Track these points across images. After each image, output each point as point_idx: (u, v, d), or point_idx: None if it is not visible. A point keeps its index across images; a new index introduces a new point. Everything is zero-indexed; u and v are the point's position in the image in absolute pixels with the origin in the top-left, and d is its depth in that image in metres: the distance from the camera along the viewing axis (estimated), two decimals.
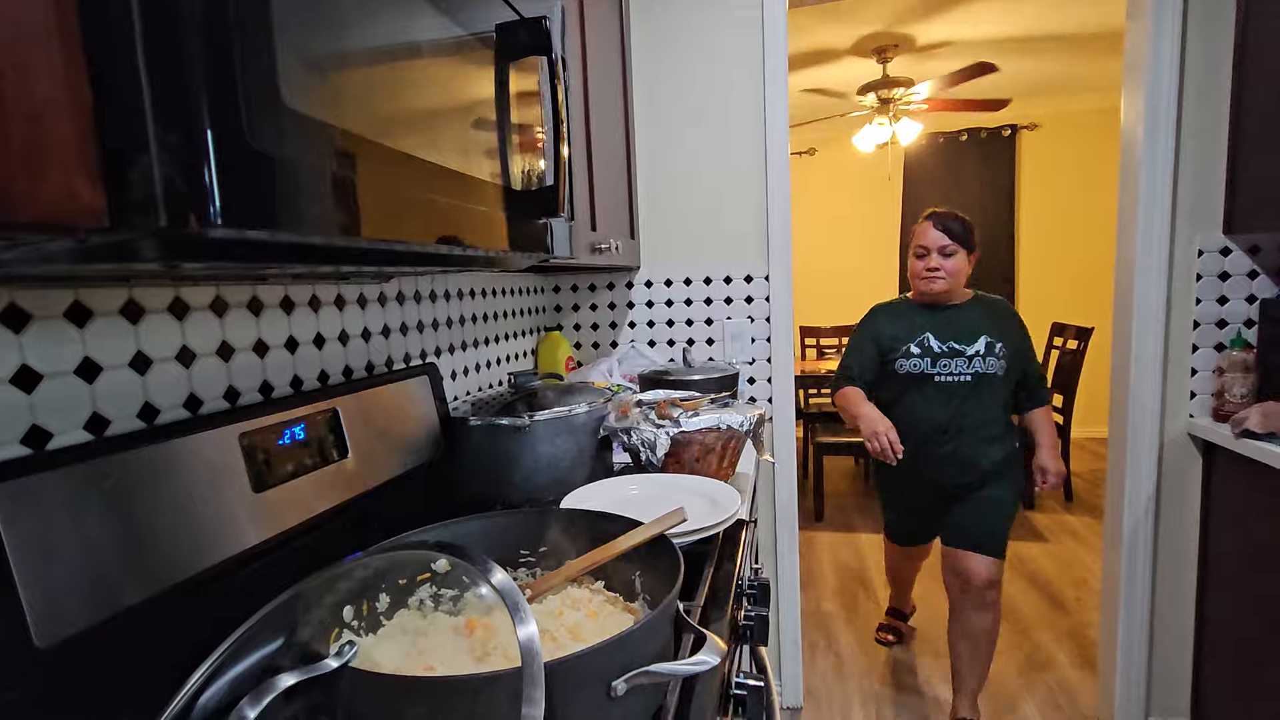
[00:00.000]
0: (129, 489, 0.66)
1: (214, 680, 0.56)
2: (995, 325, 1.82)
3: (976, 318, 1.82)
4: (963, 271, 1.81)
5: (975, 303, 1.87)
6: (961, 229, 1.80)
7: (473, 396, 1.35)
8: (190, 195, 0.40)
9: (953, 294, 1.84)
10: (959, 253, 1.79)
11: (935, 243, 1.79)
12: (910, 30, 3.34)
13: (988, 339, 1.79)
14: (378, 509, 1.01)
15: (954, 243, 1.78)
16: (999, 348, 1.78)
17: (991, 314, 1.84)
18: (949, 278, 1.80)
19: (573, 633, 0.60)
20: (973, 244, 1.82)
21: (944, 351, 1.80)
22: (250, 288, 0.91)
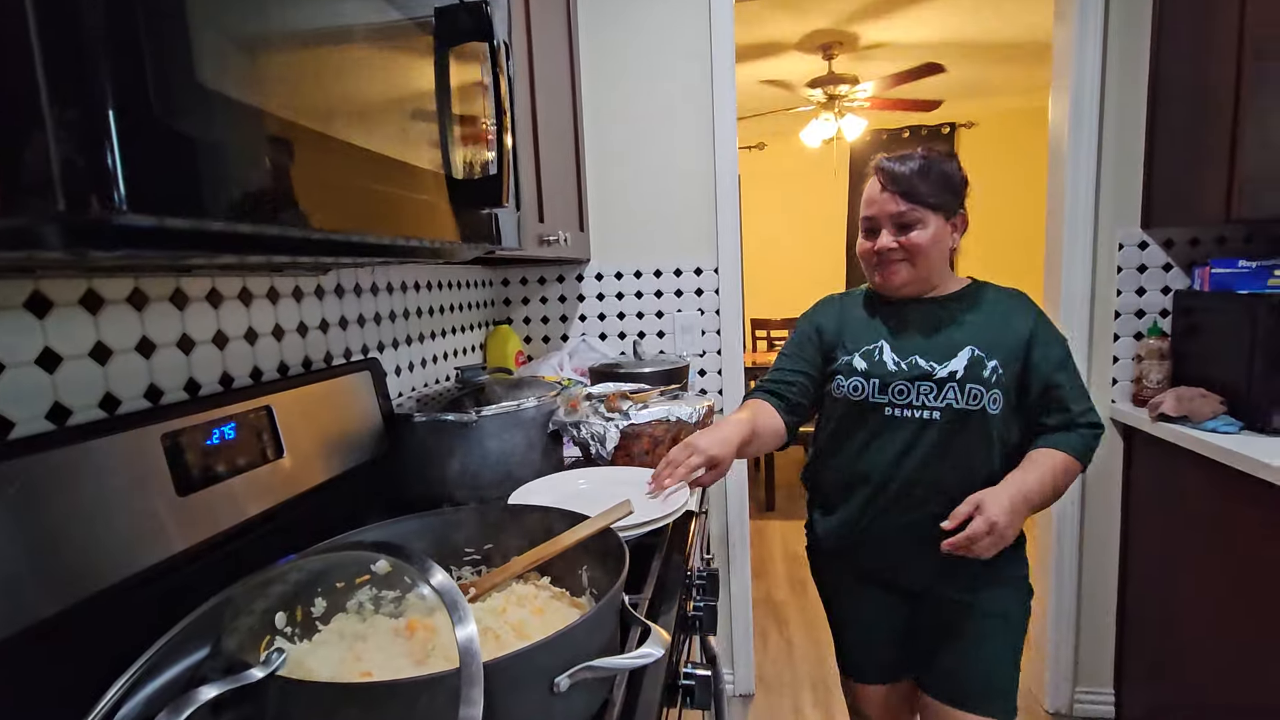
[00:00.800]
0: (37, 495, 0.62)
1: (133, 694, 0.53)
2: (993, 331, 1.14)
3: (964, 319, 1.16)
4: (938, 247, 1.14)
5: (970, 295, 1.19)
6: (929, 182, 1.12)
7: (417, 393, 1.32)
8: (91, 177, 0.37)
9: (927, 284, 1.18)
10: (927, 219, 1.12)
11: (885, 209, 1.14)
12: (855, 29, 3.41)
13: (974, 353, 1.12)
14: (316, 511, 0.97)
15: (916, 206, 1.12)
16: (992, 367, 1.11)
17: (992, 313, 1.16)
18: (913, 261, 1.14)
19: (517, 630, 0.60)
20: (953, 201, 1.15)
21: (901, 371, 1.15)
22: (173, 280, 0.86)
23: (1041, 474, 1.08)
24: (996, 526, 1.00)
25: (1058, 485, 1.10)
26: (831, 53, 3.67)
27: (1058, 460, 1.10)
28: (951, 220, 1.16)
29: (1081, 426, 1.13)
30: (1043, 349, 1.14)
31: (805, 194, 5.58)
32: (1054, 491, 1.09)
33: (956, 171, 1.17)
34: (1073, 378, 1.15)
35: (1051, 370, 1.14)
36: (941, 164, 1.15)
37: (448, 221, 0.80)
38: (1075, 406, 1.13)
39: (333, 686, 0.45)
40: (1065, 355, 1.15)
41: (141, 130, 0.39)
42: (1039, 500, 1.07)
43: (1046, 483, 1.08)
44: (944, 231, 1.15)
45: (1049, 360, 1.14)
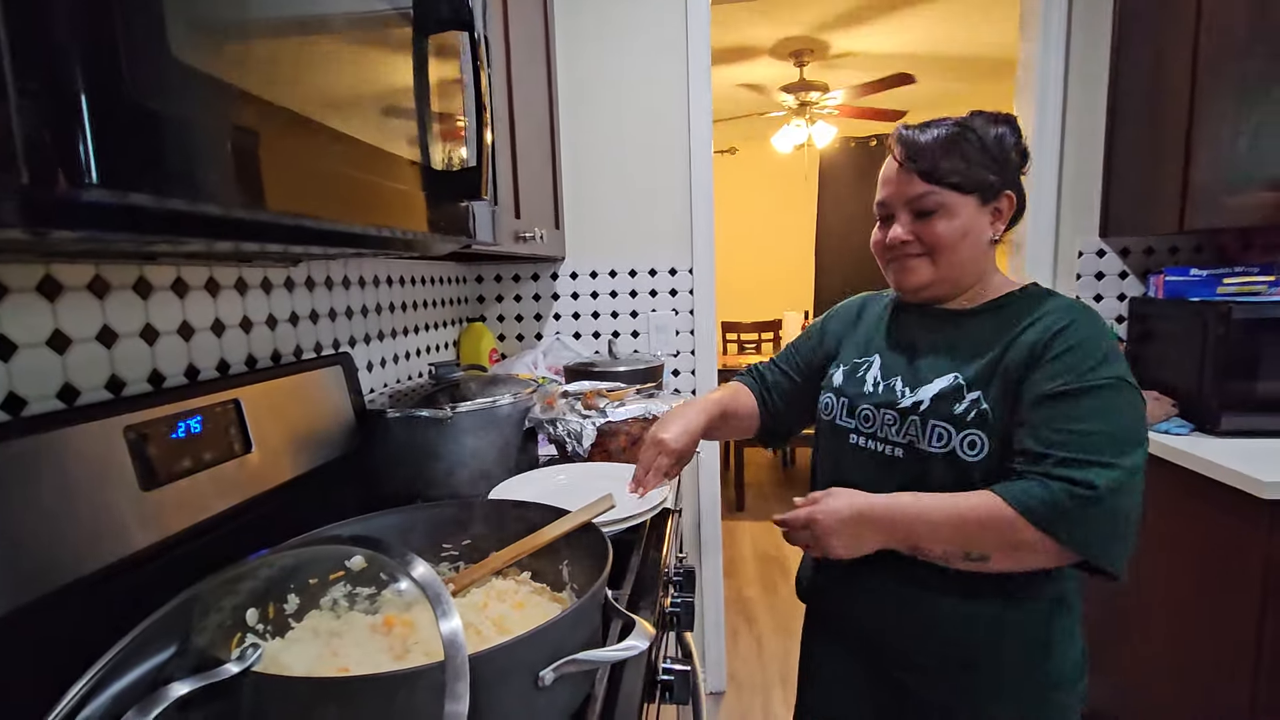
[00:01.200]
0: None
1: (95, 694, 0.51)
2: (996, 353, 0.86)
3: (981, 336, 0.90)
4: (970, 240, 0.89)
5: (1015, 306, 0.90)
6: (960, 156, 0.87)
7: (390, 388, 1.29)
8: (58, 150, 0.36)
9: (957, 287, 0.93)
10: (955, 205, 0.88)
11: (900, 192, 0.91)
12: (826, 37, 3.47)
13: (955, 380, 0.87)
14: (286, 507, 0.94)
15: (938, 189, 0.87)
16: (971, 400, 0.85)
17: (1008, 330, 0.87)
18: (934, 258, 0.90)
19: (498, 625, 0.59)
20: (996, 180, 0.89)
21: (873, 393, 0.95)
22: (136, 268, 0.83)
23: (937, 507, 0.80)
24: (816, 525, 0.83)
25: (965, 533, 0.79)
26: (803, 59, 3.73)
27: (979, 503, 0.78)
28: (993, 204, 0.89)
29: (1055, 479, 0.75)
30: (1044, 372, 0.81)
31: (776, 199, 5.64)
32: (952, 539, 0.79)
33: (1006, 139, 0.89)
34: (1080, 419, 0.77)
35: (1037, 400, 0.80)
36: (982, 130, 0.88)
37: (425, 213, 0.78)
38: (1056, 451, 0.77)
39: (312, 681, 0.44)
40: (1079, 390, 0.79)
41: (113, 103, 0.37)
42: (907, 535, 0.81)
43: (937, 521, 0.80)
44: (979, 220, 0.89)
45: (1042, 385, 0.80)
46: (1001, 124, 0.91)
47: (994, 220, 0.91)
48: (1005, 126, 0.91)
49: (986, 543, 0.79)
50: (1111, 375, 0.79)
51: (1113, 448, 0.76)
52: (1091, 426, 0.77)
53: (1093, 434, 0.77)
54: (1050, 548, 0.76)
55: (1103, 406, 0.78)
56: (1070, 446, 0.76)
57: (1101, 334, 0.83)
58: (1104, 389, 0.79)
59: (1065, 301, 0.88)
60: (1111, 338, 0.84)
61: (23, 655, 0.59)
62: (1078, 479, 0.74)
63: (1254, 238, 1.72)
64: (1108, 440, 0.76)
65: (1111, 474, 0.74)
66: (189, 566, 0.77)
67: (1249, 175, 1.49)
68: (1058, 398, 0.79)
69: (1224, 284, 1.61)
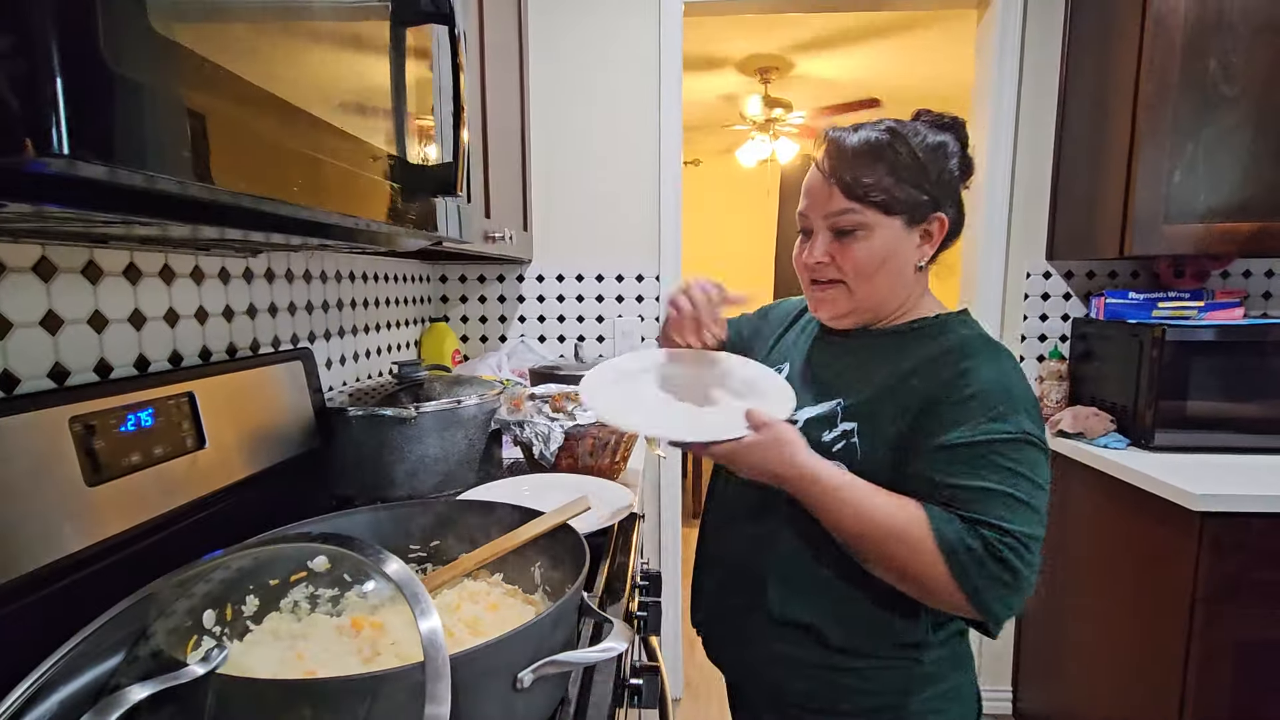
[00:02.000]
0: None
1: (39, 701, 0.48)
2: (887, 381, 0.80)
3: (882, 362, 0.83)
4: (891, 265, 0.81)
5: (921, 333, 0.84)
6: (888, 166, 0.79)
7: (351, 386, 1.26)
8: (27, 116, 0.34)
9: (877, 315, 0.86)
10: (875, 225, 0.79)
11: (817, 204, 0.82)
12: (794, 58, 3.55)
13: (835, 406, 0.83)
14: (240, 507, 0.90)
15: (858, 205, 0.79)
16: (842, 431, 0.81)
17: (914, 359, 0.80)
18: (852, 286, 0.82)
19: (471, 627, 0.58)
20: (925, 198, 0.80)
21: None
22: (85, 251, 0.79)
23: (862, 485, 0.75)
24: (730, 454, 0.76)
25: (870, 525, 0.72)
26: (768, 77, 3.81)
27: (905, 514, 0.72)
28: (922, 226, 0.81)
29: (983, 526, 0.70)
30: (943, 418, 0.73)
31: (738, 212, 5.73)
32: (853, 520, 0.73)
33: (946, 149, 0.80)
34: (989, 479, 0.71)
35: (936, 448, 0.73)
36: (918, 138, 0.79)
37: (397, 206, 0.77)
38: (975, 511, 0.70)
39: (283, 684, 0.42)
40: (983, 443, 0.71)
41: (87, 70, 0.36)
42: (813, 485, 0.74)
43: (852, 494, 0.74)
44: (903, 244, 0.80)
45: (940, 433, 0.73)
46: (945, 130, 0.82)
47: (922, 243, 0.82)
48: (948, 135, 0.82)
49: (883, 549, 0.72)
50: (1014, 429, 0.72)
51: (1025, 516, 0.70)
52: (1003, 488, 0.70)
53: (1002, 494, 0.70)
54: (947, 596, 0.71)
55: (1009, 465, 0.71)
56: (983, 508, 0.70)
57: (1009, 378, 0.75)
58: (1011, 443, 0.72)
59: (973, 335, 0.81)
60: (1021, 385, 0.75)
61: None
62: (1002, 553, 0.69)
63: (1186, 265, 1.83)
64: (1022, 508, 0.70)
65: (1032, 552, 0.70)
66: (136, 568, 0.73)
67: (1183, 207, 1.59)
68: (958, 449, 0.72)
69: (1159, 307, 1.71)
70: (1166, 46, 1.56)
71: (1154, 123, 1.58)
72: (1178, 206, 1.60)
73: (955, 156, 0.82)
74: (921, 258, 0.84)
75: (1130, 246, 1.62)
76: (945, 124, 0.84)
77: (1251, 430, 1.60)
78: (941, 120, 0.84)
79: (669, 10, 1.91)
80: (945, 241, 0.85)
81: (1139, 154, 1.60)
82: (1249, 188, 1.57)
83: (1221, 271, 1.94)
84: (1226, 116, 1.57)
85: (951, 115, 0.85)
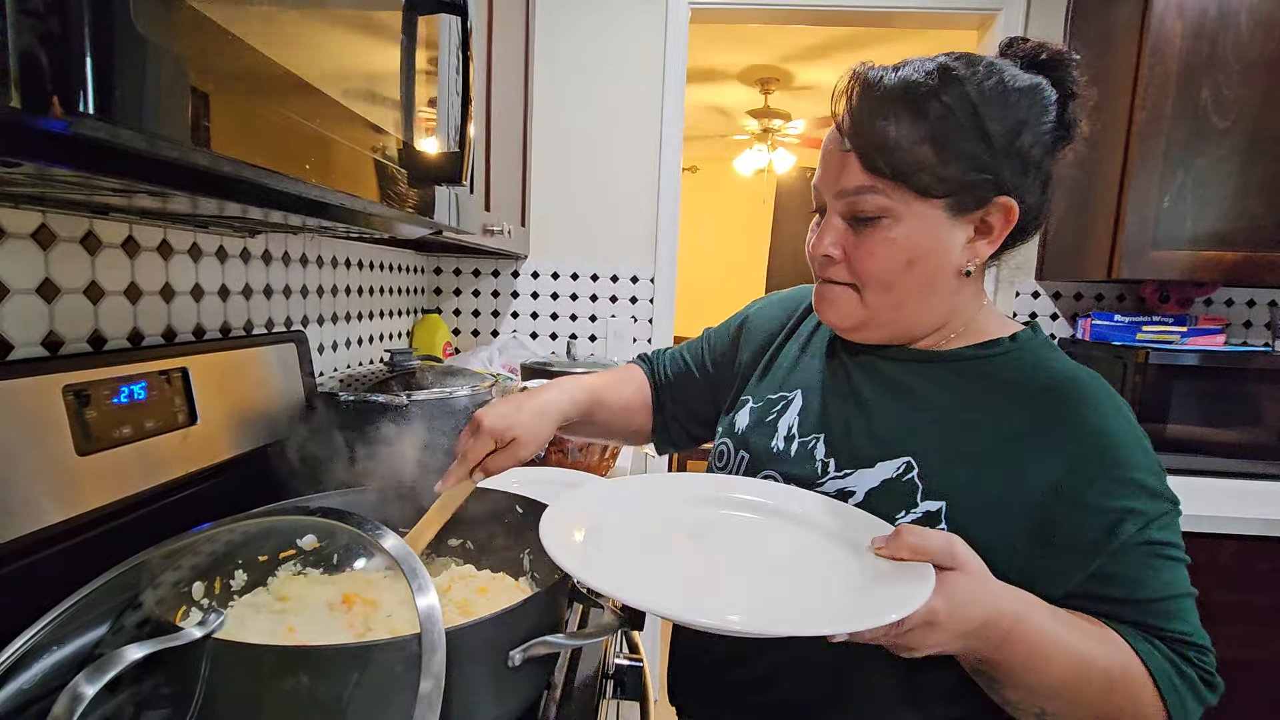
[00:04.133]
0: None
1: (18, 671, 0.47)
2: (984, 443, 0.58)
3: (950, 401, 0.61)
4: (922, 266, 0.59)
5: (999, 360, 0.62)
6: (929, 128, 0.55)
7: (342, 373, 1.25)
8: (56, 74, 0.34)
9: (903, 331, 0.65)
10: (902, 209, 0.57)
11: (833, 180, 0.61)
12: (792, 68, 3.59)
13: (911, 469, 0.59)
14: (228, 486, 0.90)
15: (884, 184, 0.57)
16: (928, 514, 0.57)
17: (1009, 407, 0.59)
18: (863, 291, 0.62)
19: (462, 608, 0.58)
20: (980, 177, 0.56)
21: (783, 454, 0.68)
22: (86, 220, 0.78)
23: (1066, 634, 0.52)
24: (917, 630, 0.46)
25: (1079, 684, 0.52)
26: (769, 87, 3.84)
27: (1115, 652, 0.53)
28: (976, 214, 0.58)
29: (1183, 645, 0.55)
30: (1098, 504, 0.54)
31: (733, 221, 5.77)
32: (1058, 685, 0.52)
33: (1027, 101, 0.56)
34: (1170, 581, 0.55)
35: (1113, 555, 0.54)
36: (985, 80, 0.56)
37: (402, 191, 0.77)
38: (1171, 625, 0.55)
39: (280, 650, 0.42)
40: (1160, 538, 0.55)
41: (116, 32, 0.36)
42: (1008, 658, 0.50)
43: (1058, 650, 0.51)
44: (942, 238, 0.58)
45: (1103, 523, 0.54)
46: (1038, 69, 0.57)
47: (975, 238, 0.59)
48: (1044, 75, 0.57)
49: (1088, 707, 0.52)
50: (1165, 500, 0.56)
51: (1195, 619, 0.56)
52: (1180, 587, 0.55)
53: (1182, 598, 0.55)
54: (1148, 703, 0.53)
55: (1176, 555, 0.55)
56: (1174, 619, 0.55)
57: (1137, 433, 0.57)
58: (1167, 521, 0.55)
59: (1070, 366, 0.60)
60: (1142, 431, 0.58)
61: None
62: (1211, 676, 0.56)
63: (1171, 290, 1.87)
64: (1191, 608, 0.56)
65: (1211, 663, 0.56)
66: (123, 541, 0.72)
67: (1171, 234, 1.63)
68: (1133, 550, 0.54)
69: (1143, 331, 1.74)
70: (1162, 77, 1.59)
71: (1147, 150, 1.62)
72: (1166, 233, 1.63)
73: (1049, 110, 0.56)
74: (972, 258, 0.59)
75: (1118, 270, 1.65)
76: (1043, 60, 0.58)
77: (1228, 454, 1.64)
78: (1039, 54, 0.58)
79: (675, 12, 1.92)
80: (1014, 236, 0.60)
81: (1131, 180, 1.64)
82: (1235, 218, 1.61)
83: (1205, 299, 1.98)
84: (1217, 147, 1.60)
85: (1058, 48, 0.59)
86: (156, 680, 0.48)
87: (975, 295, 0.64)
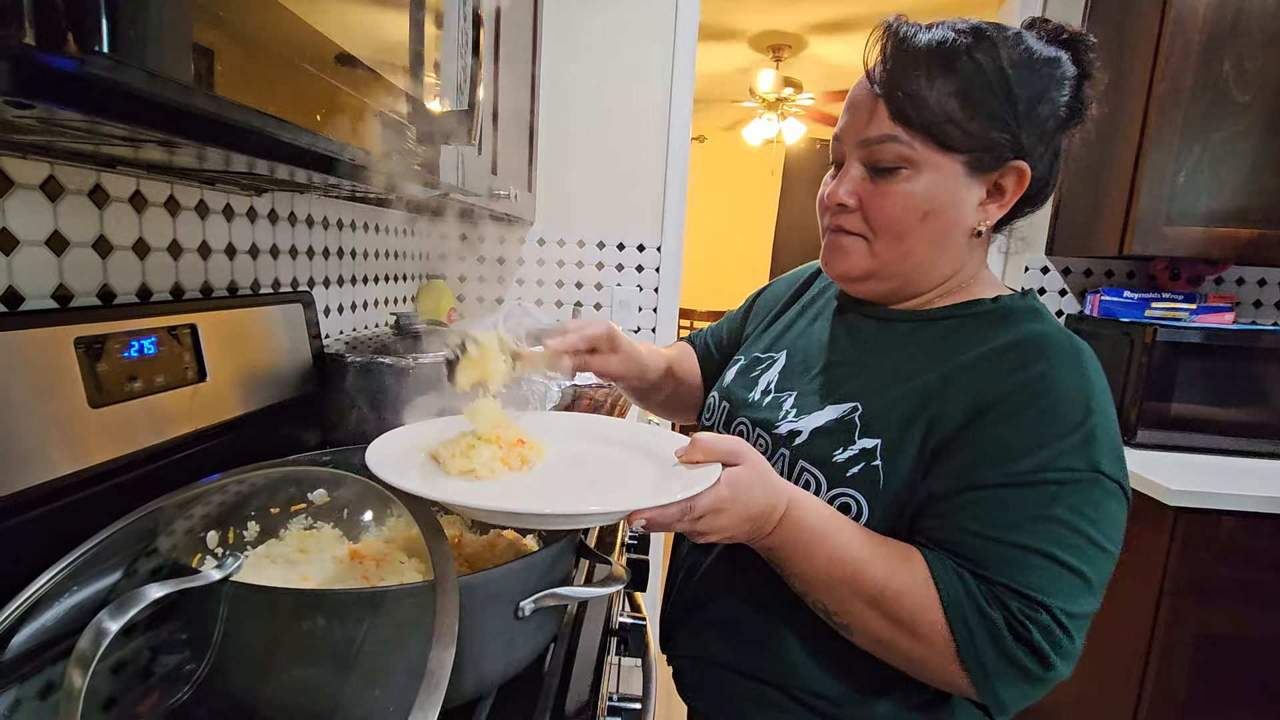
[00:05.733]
0: None
1: (35, 614, 0.48)
2: (922, 388, 0.61)
3: (910, 356, 0.64)
4: (936, 221, 0.61)
5: (973, 320, 0.64)
6: (954, 85, 0.57)
7: (349, 335, 1.26)
8: (70, 10, 0.33)
9: (908, 287, 0.67)
10: (923, 162, 0.59)
11: (857, 128, 0.62)
12: (807, 37, 3.51)
13: (853, 412, 0.63)
14: (237, 442, 0.91)
15: (908, 134, 0.59)
16: (864, 449, 0.61)
17: (958, 360, 0.60)
18: (873, 241, 0.64)
19: (470, 562, 0.59)
20: (1002, 136, 0.59)
21: (755, 403, 0.73)
22: (93, 173, 0.78)
23: (842, 536, 0.56)
24: (698, 515, 0.51)
25: (856, 592, 0.55)
26: (780, 55, 3.77)
27: (900, 568, 0.55)
28: (991, 175, 0.60)
29: (1007, 592, 0.53)
30: (986, 439, 0.56)
31: (740, 191, 5.71)
32: (837, 587, 0.56)
33: (1050, 72, 0.59)
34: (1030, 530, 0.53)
35: (967, 486, 0.55)
36: (1013, 48, 0.58)
37: (411, 149, 0.76)
38: (1002, 572, 0.53)
39: (298, 593, 0.43)
40: (1037, 483, 0.54)
41: None
42: (791, 553, 0.56)
43: (837, 552, 0.55)
44: (959, 194, 0.60)
45: (980, 466, 0.55)
46: (1060, 46, 0.60)
47: (988, 199, 0.61)
48: (1065, 51, 0.60)
49: (859, 611, 0.55)
50: (1084, 464, 0.53)
51: (1072, 586, 0.53)
52: (1041, 544, 0.53)
53: (1039, 556, 0.53)
54: (941, 671, 0.54)
55: (1067, 515, 0.53)
56: (1010, 567, 0.53)
57: (1087, 388, 0.55)
58: (1076, 486, 0.53)
59: (1049, 328, 0.59)
60: (1101, 394, 0.56)
61: None
62: (1029, 633, 0.52)
63: (1182, 268, 1.85)
64: (1070, 577, 0.53)
65: (1072, 637, 0.53)
66: (133, 494, 0.73)
67: (1185, 210, 1.61)
68: (1003, 491, 0.54)
69: (1152, 308, 1.73)
70: (1184, 47, 1.56)
71: (1165, 123, 1.59)
72: (1179, 209, 1.61)
73: (1066, 85, 0.59)
74: (983, 219, 0.62)
75: (1130, 246, 1.64)
76: (1065, 38, 0.60)
77: (1232, 433, 1.64)
78: (1061, 32, 0.60)
79: None
80: (1022, 204, 0.63)
81: (1147, 154, 1.61)
82: (1251, 194, 1.59)
83: (1216, 277, 1.96)
84: (1236, 122, 1.57)
85: (1078, 30, 0.61)
86: (172, 626, 0.49)
87: (978, 260, 0.67)
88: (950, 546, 0.55)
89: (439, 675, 0.36)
